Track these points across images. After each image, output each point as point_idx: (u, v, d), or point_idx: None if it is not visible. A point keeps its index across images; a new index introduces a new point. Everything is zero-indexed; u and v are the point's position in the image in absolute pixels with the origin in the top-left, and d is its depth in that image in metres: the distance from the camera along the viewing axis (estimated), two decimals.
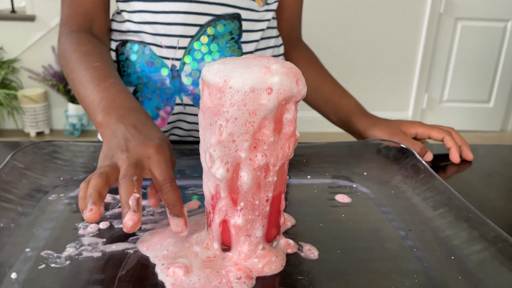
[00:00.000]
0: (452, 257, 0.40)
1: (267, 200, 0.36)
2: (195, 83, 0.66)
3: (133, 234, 0.42)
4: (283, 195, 0.39)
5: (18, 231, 0.42)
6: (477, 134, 3.10)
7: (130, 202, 0.36)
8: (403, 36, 2.88)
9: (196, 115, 0.68)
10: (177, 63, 0.65)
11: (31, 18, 2.59)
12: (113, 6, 0.69)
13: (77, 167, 0.54)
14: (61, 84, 2.61)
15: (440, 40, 2.93)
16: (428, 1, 2.82)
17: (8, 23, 2.60)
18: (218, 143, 0.33)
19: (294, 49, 0.79)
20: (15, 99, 2.64)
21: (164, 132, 0.70)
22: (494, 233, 0.40)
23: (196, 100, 0.67)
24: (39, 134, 2.73)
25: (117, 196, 0.49)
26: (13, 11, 2.63)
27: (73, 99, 2.67)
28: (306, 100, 0.79)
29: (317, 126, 2.28)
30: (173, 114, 0.68)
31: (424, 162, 0.54)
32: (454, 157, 0.63)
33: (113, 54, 0.69)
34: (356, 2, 2.75)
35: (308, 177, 0.55)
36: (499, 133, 3.17)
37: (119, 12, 0.69)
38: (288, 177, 0.39)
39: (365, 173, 0.56)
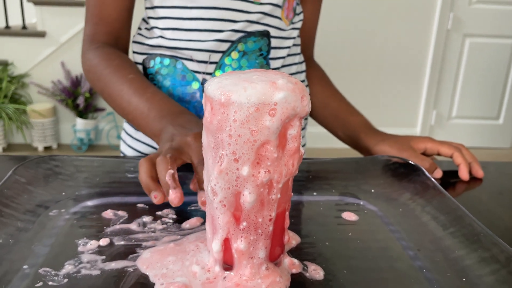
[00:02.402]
0: (464, 279, 0.38)
1: (270, 220, 0.35)
2: None
3: (133, 252, 0.41)
4: (287, 213, 0.38)
5: (17, 247, 0.41)
6: (487, 151, 3.07)
7: (167, 179, 0.43)
8: (411, 52, 2.87)
9: None
10: (208, 77, 0.67)
11: (41, 34, 2.63)
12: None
13: (79, 182, 0.53)
14: (70, 99, 2.64)
15: (448, 57, 2.92)
16: (436, 18, 2.83)
17: (19, 39, 2.64)
18: (220, 173, 0.33)
19: (306, 66, 0.82)
20: (24, 114, 2.67)
21: None
22: (507, 253, 0.39)
23: None
24: (47, 148, 2.74)
25: (119, 212, 0.48)
26: (24, 27, 2.67)
27: (81, 114, 2.68)
28: (315, 117, 0.81)
29: (324, 142, 2.26)
30: None
31: (433, 179, 0.52)
32: (463, 174, 0.62)
33: (139, 68, 0.70)
34: (364, 17, 2.76)
35: (314, 194, 0.54)
36: (509, 150, 3.13)
37: (147, 28, 0.70)
38: (292, 194, 0.38)
39: (372, 190, 0.55)
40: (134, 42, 0.72)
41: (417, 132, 3.06)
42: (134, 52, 0.72)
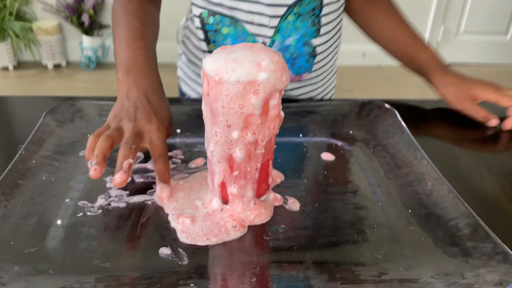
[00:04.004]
0: (409, 210, 0.49)
1: (256, 169, 0.45)
2: None
3: (150, 188, 0.51)
4: (270, 162, 0.47)
5: (57, 184, 0.52)
6: (494, 68, 3.08)
7: (124, 164, 0.46)
8: None
9: None
10: (267, 40, 0.71)
11: None
12: None
13: (101, 124, 0.62)
14: (74, 16, 2.64)
15: None
16: None
17: None
18: (216, 144, 0.42)
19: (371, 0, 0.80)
20: (30, 32, 2.69)
21: None
22: (448, 187, 0.48)
23: None
24: (57, 66, 2.80)
25: (137, 155, 0.58)
26: None
27: (86, 31, 2.70)
28: (383, 48, 0.81)
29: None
30: None
31: (403, 123, 0.61)
32: (509, 124, 0.67)
33: (196, 20, 0.73)
34: None
35: (300, 135, 0.63)
36: None
37: None
38: (275, 146, 0.47)
39: (350, 132, 0.64)
40: None
41: None
42: (192, 3, 0.74)
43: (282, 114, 0.44)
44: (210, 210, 0.47)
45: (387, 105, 0.65)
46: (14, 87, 2.59)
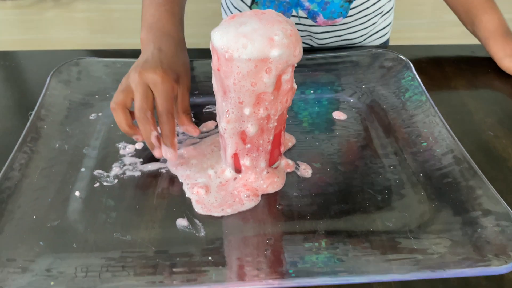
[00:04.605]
0: (421, 175, 0.49)
1: (268, 142, 0.45)
2: (311, 1, 0.71)
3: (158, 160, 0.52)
4: (283, 132, 0.47)
5: (71, 152, 0.52)
6: None
7: (152, 141, 0.47)
8: None
9: (309, 25, 0.75)
10: None
11: None
12: None
13: (108, 83, 0.62)
14: None
15: None
16: None
17: None
18: (228, 123, 0.41)
19: None
20: None
21: None
22: (461, 155, 0.48)
23: (310, 14, 0.73)
24: None
25: None
26: None
27: None
28: (446, 2, 0.74)
29: None
30: None
31: (418, 77, 0.59)
32: None
33: None
34: None
35: (311, 91, 0.62)
36: None
37: None
38: (287, 116, 0.47)
39: (363, 86, 0.62)
40: None
41: None
42: None
43: (295, 86, 0.43)
44: (223, 180, 0.48)
45: (402, 57, 0.63)
46: (12, 18, 2.52)
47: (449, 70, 0.69)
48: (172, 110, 0.48)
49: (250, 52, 0.38)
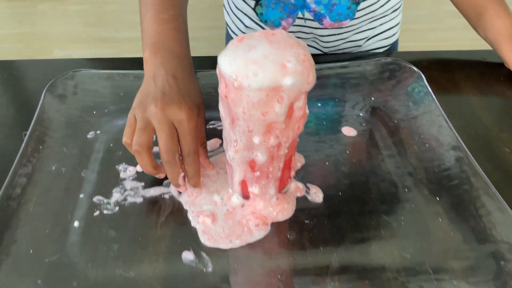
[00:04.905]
0: (437, 198, 0.47)
1: (279, 169, 0.42)
2: (317, 2, 0.68)
3: (166, 178, 0.49)
4: (294, 157, 0.44)
5: (69, 175, 0.49)
6: None
7: (180, 182, 0.46)
8: None
9: (315, 28, 0.72)
10: None
11: None
12: None
13: (105, 98, 0.59)
14: None
15: None
16: None
17: None
18: (236, 152, 0.38)
19: None
20: None
21: None
22: (484, 183, 0.46)
23: (316, 17, 0.70)
24: None
25: None
26: None
27: None
28: (455, 5, 0.72)
29: None
30: (294, 25, 0.72)
31: (430, 89, 0.56)
32: None
33: None
34: None
35: (319, 104, 0.59)
36: None
37: None
38: (298, 140, 0.44)
39: (372, 98, 0.60)
40: None
41: None
42: None
43: (307, 111, 0.40)
44: (231, 207, 0.45)
45: (413, 67, 0.60)
46: (4, 11, 2.46)
47: (459, 78, 0.66)
48: (197, 150, 0.46)
49: (261, 80, 0.35)
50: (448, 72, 0.67)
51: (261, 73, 0.35)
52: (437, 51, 0.73)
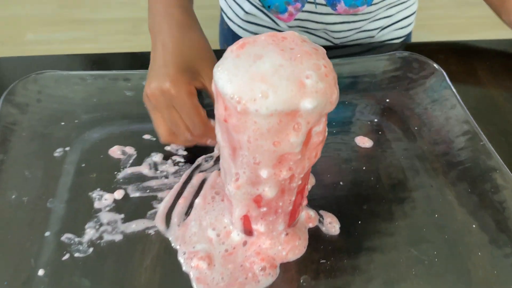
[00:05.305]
0: (473, 226, 0.40)
1: (290, 203, 0.34)
2: None
3: (150, 207, 0.41)
4: (307, 186, 0.36)
5: (32, 206, 0.41)
6: None
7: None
8: None
9: (326, 14, 0.63)
10: None
11: None
12: None
13: (75, 105, 0.50)
14: None
15: None
16: None
17: None
18: (237, 189, 0.30)
19: None
20: None
21: (290, 27, 0.67)
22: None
23: (329, 1, 0.62)
24: None
25: (126, 149, 0.46)
26: None
27: None
28: None
29: None
30: (303, 11, 0.63)
31: (454, 90, 0.49)
32: None
33: None
34: None
35: None
36: None
37: None
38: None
39: (387, 100, 0.52)
40: None
41: None
42: None
43: (326, 133, 0.32)
44: (230, 247, 0.37)
45: (435, 65, 0.52)
46: None
47: (482, 75, 0.59)
48: (200, 119, 0.42)
49: (273, 103, 0.27)
50: (467, 65, 0.60)
51: (272, 94, 0.27)
52: (451, 42, 0.65)
